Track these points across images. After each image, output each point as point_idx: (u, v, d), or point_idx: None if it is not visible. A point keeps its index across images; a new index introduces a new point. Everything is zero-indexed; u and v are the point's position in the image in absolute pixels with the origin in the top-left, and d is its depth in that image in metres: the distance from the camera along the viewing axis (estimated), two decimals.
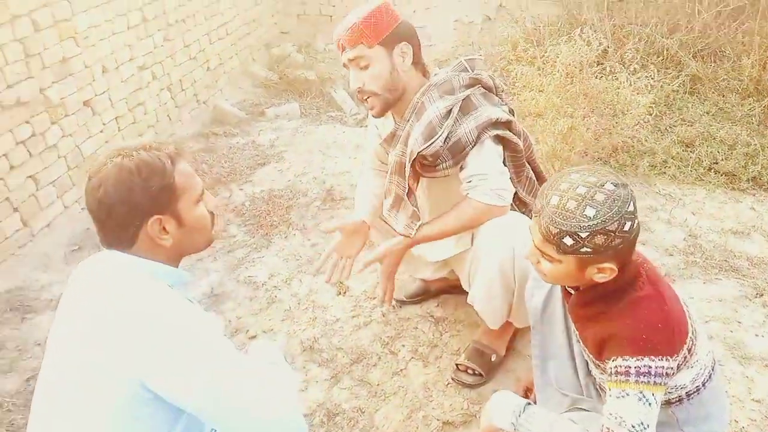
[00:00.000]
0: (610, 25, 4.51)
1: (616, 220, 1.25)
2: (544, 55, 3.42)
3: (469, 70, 1.96)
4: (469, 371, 2.15)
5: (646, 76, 3.57)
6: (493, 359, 2.16)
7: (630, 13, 4.79)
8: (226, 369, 1.21)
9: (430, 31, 5.97)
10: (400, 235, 2.02)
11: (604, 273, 1.33)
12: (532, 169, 2.13)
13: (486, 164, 1.88)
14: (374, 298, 2.64)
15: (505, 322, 2.12)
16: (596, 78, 3.32)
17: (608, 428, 1.30)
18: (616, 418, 1.30)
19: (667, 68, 4.23)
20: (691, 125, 3.80)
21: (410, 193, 2.00)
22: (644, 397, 1.29)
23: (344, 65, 1.97)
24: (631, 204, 1.28)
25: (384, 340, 2.40)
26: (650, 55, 4.31)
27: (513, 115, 2.03)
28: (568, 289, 1.50)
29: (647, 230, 3.01)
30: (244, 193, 3.64)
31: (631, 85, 3.30)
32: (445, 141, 1.88)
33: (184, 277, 1.40)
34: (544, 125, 3.21)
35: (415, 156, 1.91)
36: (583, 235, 1.26)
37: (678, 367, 1.35)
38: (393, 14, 1.92)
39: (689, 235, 2.95)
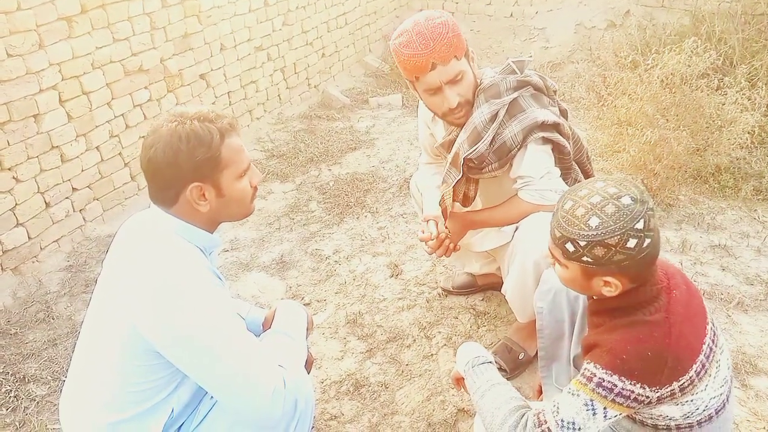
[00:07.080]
0: (739, 38, 4.19)
1: (618, 235, 1.20)
2: (646, 63, 3.27)
3: (517, 72, 1.94)
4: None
5: None
6: (520, 357, 2.15)
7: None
8: (206, 325, 1.30)
9: (550, 33, 5.86)
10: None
11: (609, 287, 1.29)
12: (582, 172, 2.09)
13: (531, 167, 1.89)
14: (424, 284, 2.70)
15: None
16: (699, 91, 3.12)
17: (542, 411, 1.30)
18: (554, 406, 1.30)
19: None
20: None
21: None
22: (592, 405, 1.26)
23: (430, 89, 1.89)
24: (642, 222, 1.20)
25: (422, 325, 2.46)
26: None
27: (566, 116, 2.00)
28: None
29: (732, 256, 2.80)
30: (332, 173, 3.82)
31: (736, 102, 3.06)
32: (490, 144, 1.90)
33: (216, 242, 1.51)
34: (633, 134, 3.07)
35: (461, 161, 1.95)
36: (582, 243, 1.23)
37: (660, 399, 1.28)
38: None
39: None
